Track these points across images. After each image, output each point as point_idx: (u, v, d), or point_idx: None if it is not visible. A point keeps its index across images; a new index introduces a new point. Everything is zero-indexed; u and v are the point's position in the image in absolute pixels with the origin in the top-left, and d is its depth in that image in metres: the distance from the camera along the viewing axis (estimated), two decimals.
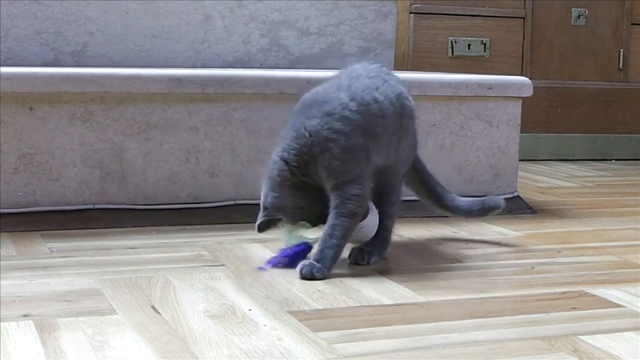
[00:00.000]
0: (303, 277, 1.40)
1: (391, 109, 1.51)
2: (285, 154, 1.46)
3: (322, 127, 1.44)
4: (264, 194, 1.52)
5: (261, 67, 2.55)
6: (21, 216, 1.76)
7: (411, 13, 3.02)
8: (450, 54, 3.04)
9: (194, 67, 2.48)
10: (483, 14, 3.10)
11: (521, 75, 2.87)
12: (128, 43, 2.45)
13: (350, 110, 1.45)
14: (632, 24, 3.28)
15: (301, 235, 1.52)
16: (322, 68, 2.59)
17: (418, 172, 1.67)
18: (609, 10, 3.25)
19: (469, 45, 3.08)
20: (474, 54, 3.09)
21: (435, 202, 1.70)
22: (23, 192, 1.78)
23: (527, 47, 3.16)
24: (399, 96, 1.55)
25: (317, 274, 1.40)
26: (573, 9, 3.21)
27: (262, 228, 1.53)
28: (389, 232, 1.57)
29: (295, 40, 2.60)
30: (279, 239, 1.70)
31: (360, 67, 1.56)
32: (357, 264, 1.52)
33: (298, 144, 1.45)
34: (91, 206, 1.82)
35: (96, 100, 1.81)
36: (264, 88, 1.91)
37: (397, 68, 2.81)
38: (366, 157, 1.47)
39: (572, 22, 3.22)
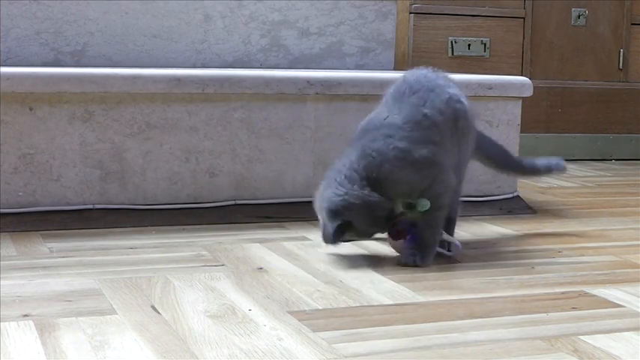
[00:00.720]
0: (406, 265, 1.50)
1: (441, 117, 1.55)
2: (355, 165, 1.49)
3: (387, 147, 1.49)
4: (326, 201, 1.49)
5: (261, 67, 2.55)
6: (21, 216, 1.76)
7: (411, 13, 3.02)
8: (450, 54, 3.04)
9: (194, 67, 2.48)
10: (483, 14, 3.10)
11: (521, 75, 2.87)
12: (128, 43, 2.45)
13: (406, 130, 1.51)
14: (632, 24, 3.28)
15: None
16: (322, 68, 2.59)
17: (484, 151, 1.76)
18: (609, 10, 3.25)
19: (469, 45, 3.08)
20: (474, 54, 3.09)
21: (505, 171, 1.87)
22: (23, 192, 1.78)
23: (527, 47, 3.16)
24: (448, 101, 1.58)
25: (420, 263, 1.50)
26: (573, 9, 3.21)
27: (337, 235, 1.49)
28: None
29: (295, 40, 2.60)
30: (278, 239, 1.71)
31: (402, 85, 1.59)
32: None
33: (365, 161, 1.49)
34: (91, 206, 1.82)
35: (96, 100, 1.81)
36: (264, 88, 1.91)
37: (397, 68, 2.81)
38: (438, 155, 1.53)
39: (572, 22, 3.22)
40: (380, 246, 1.66)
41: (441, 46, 3.03)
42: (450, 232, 1.65)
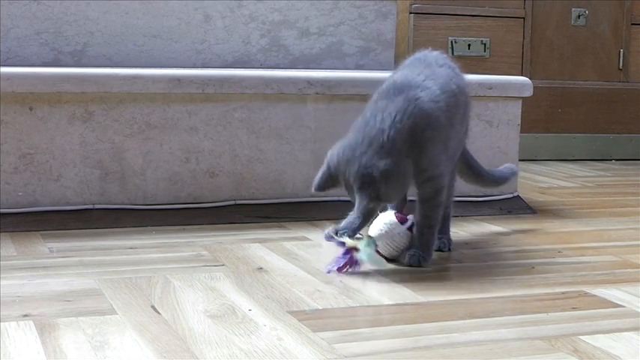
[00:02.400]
0: (410, 265, 1.49)
1: (462, 98, 1.55)
2: (397, 124, 1.41)
3: (432, 110, 1.44)
4: (364, 165, 1.39)
5: (261, 67, 2.55)
6: (21, 216, 1.76)
7: (411, 13, 3.02)
8: (450, 54, 3.04)
9: (194, 67, 2.48)
10: (483, 14, 3.10)
11: (521, 75, 2.87)
12: (128, 43, 2.45)
13: (443, 101, 1.47)
14: (632, 24, 3.28)
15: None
16: (322, 68, 2.59)
17: (464, 156, 1.72)
18: (609, 10, 3.25)
19: (469, 45, 3.08)
20: (474, 54, 3.09)
21: (479, 182, 1.80)
22: (23, 192, 1.78)
23: (527, 47, 3.16)
24: (466, 84, 1.58)
25: (424, 263, 1.50)
26: (573, 9, 3.21)
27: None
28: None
29: (295, 40, 2.59)
30: (278, 239, 1.71)
31: (424, 57, 1.56)
32: (440, 250, 1.61)
33: (407, 120, 1.42)
34: (91, 206, 1.82)
35: (96, 100, 1.81)
36: (264, 88, 1.91)
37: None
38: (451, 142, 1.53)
39: (572, 22, 3.22)
40: None
41: (441, 46, 3.03)
42: (446, 229, 1.65)
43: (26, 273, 1.40)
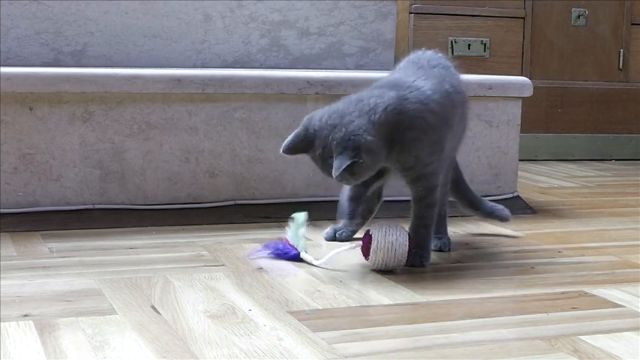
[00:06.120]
0: (413, 265, 1.48)
1: (458, 97, 1.54)
2: (388, 114, 1.40)
3: (419, 112, 1.43)
4: (352, 131, 1.37)
5: (261, 67, 2.55)
6: (21, 216, 1.76)
7: (411, 13, 3.02)
8: (450, 54, 3.04)
9: (194, 67, 2.48)
10: (483, 14, 3.10)
11: (521, 75, 2.87)
12: (128, 43, 2.45)
13: (435, 102, 1.46)
14: (632, 24, 3.28)
15: (303, 238, 1.53)
16: (322, 68, 2.59)
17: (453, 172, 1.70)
18: (609, 10, 3.25)
19: (469, 45, 3.08)
20: (474, 54, 3.09)
21: (460, 199, 1.76)
22: (23, 192, 1.78)
23: (527, 47, 3.16)
24: (461, 83, 1.57)
25: (425, 262, 1.50)
26: (573, 9, 3.21)
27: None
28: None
29: (295, 40, 2.59)
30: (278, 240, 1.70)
31: (418, 58, 1.56)
32: (440, 250, 1.62)
33: (392, 114, 1.41)
34: (91, 206, 1.82)
35: (96, 100, 1.81)
36: (264, 88, 1.91)
37: None
38: (445, 142, 1.51)
39: (572, 22, 3.22)
40: None
41: (441, 46, 3.03)
42: (444, 229, 1.64)
43: (26, 273, 1.40)
